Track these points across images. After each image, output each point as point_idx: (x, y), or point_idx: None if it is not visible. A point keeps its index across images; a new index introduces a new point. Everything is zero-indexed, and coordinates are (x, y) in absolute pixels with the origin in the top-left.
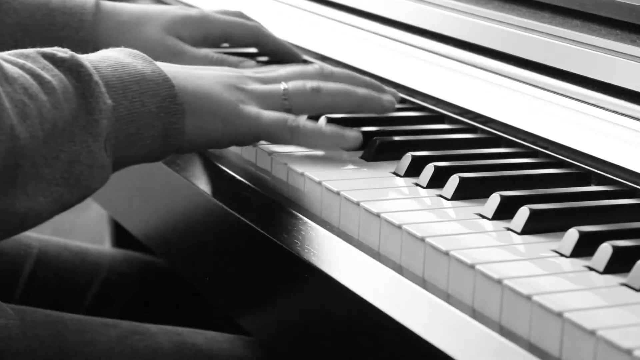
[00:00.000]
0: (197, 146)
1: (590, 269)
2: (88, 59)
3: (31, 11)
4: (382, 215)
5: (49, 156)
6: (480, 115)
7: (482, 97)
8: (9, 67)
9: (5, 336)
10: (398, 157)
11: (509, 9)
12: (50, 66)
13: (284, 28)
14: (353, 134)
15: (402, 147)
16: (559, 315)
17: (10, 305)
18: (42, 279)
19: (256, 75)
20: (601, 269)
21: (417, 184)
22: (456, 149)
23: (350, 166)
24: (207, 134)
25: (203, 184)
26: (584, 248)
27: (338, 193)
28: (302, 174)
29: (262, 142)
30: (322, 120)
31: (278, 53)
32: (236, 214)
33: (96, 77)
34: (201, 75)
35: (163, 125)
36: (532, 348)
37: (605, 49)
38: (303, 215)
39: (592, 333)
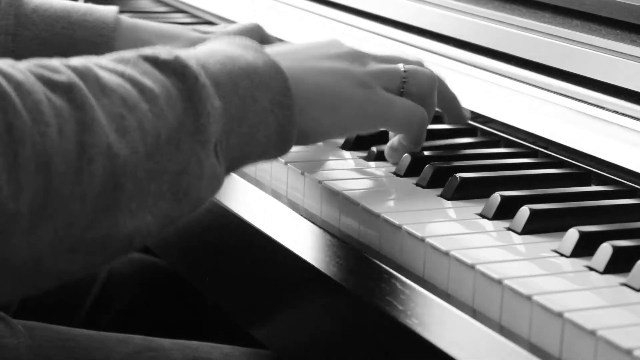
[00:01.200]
0: (323, 137)
1: (591, 269)
2: (195, 56)
3: (50, 24)
4: (382, 215)
5: (154, 170)
6: (480, 115)
7: (482, 97)
8: (107, 77)
9: (15, 356)
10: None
11: (508, 9)
12: (153, 70)
13: (284, 28)
14: (464, 114)
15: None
16: (559, 315)
17: (21, 322)
18: None
19: (371, 54)
20: (601, 269)
21: (417, 184)
22: (456, 149)
23: (351, 166)
24: (333, 125)
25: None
26: (584, 248)
27: (338, 193)
28: (302, 174)
29: None
30: None
31: None
32: (236, 214)
33: (203, 78)
34: (320, 65)
35: (277, 121)
36: (532, 348)
37: (605, 49)
38: (303, 215)
39: (592, 333)
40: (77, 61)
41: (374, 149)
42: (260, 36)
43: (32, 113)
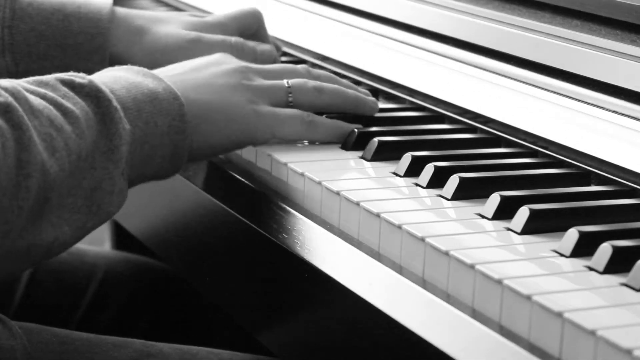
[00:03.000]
0: (218, 152)
1: (590, 269)
2: (103, 82)
3: (46, 17)
4: (382, 215)
5: (73, 186)
6: (480, 115)
7: (482, 97)
8: (33, 99)
9: (11, 358)
10: (398, 157)
11: (508, 8)
12: (71, 94)
13: (284, 28)
14: (351, 126)
15: (402, 147)
16: (559, 315)
17: (18, 323)
18: (41, 280)
19: (257, 68)
20: (601, 269)
21: (417, 184)
22: (456, 149)
23: (350, 166)
24: (227, 140)
25: (204, 185)
26: (584, 248)
27: (338, 193)
28: (302, 174)
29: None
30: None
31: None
32: (236, 214)
33: (115, 102)
34: (211, 84)
35: (172, 143)
36: (532, 348)
37: (605, 49)
38: (303, 214)
39: (592, 333)
40: (6, 82)
41: (375, 139)
42: (258, 22)
43: None
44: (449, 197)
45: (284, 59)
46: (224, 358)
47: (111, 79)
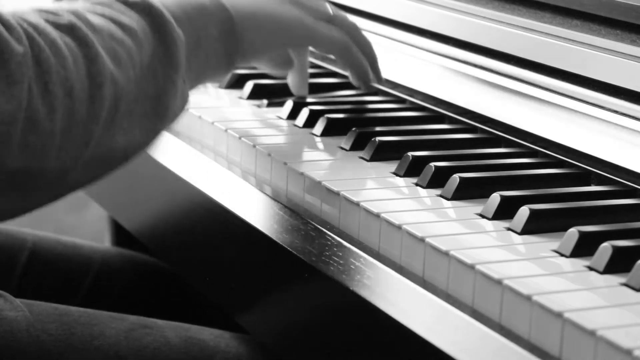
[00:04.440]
0: (261, 53)
1: (590, 269)
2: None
3: None
4: (382, 215)
5: (140, 93)
6: (480, 115)
7: (482, 97)
8: (93, 17)
9: (15, 329)
10: (398, 157)
11: (508, 8)
12: (126, 9)
13: None
14: (380, 76)
15: (402, 147)
16: (559, 315)
17: (18, 299)
18: (36, 271)
19: None
20: (601, 269)
21: (417, 184)
22: (456, 149)
23: (351, 166)
24: (269, 45)
25: (202, 184)
26: (584, 248)
27: (338, 193)
28: (302, 174)
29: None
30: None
31: None
32: (236, 214)
33: (167, 14)
34: None
35: (224, 48)
36: (532, 348)
37: (605, 49)
38: (303, 215)
39: (592, 333)
40: (67, 5)
41: (375, 139)
42: None
43: (52, 49)
44: (449, 197)
45: None
46: (215, 334)
47: None
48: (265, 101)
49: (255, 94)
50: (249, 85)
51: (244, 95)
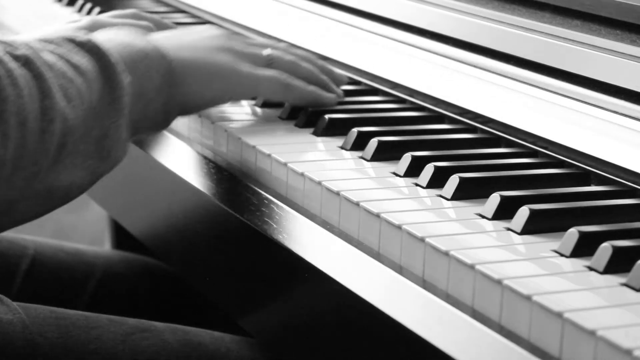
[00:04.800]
0: (200, 107)
1: (590, 269)
2: (100, 43)
3: None
4: (382, 215)
5: (85, 133)
6: (480, 115)
7: (482, 97)
8: (46, 54)
9: (10, 332)
10: (398, 157)
11: (508, 8)
12: (76, 49)
13: (283, 28)
14: (331, 95)
15: (402, 147)
16: (559, 315)
17: (15, 303)
18: (38, 279)
19: (241, 38)
20: (601, 269)
21: (417, 184)
22: (456, 149)
23: (350, 166)
24: (210, 96)
25: (202, 184)
26: (584, 248)
27: (338, 193)
28: (302, 174)
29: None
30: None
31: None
32: (235, 214)
33: (114, 57)
34: (195, 44)
35: (164, 98)
36: (532, 348)
37: (605, 49)
38: (303, 214)
39: (592, 333)
40: (21, 39)
41: (375, 139)
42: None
43: (10, 78)
44: (449, 197)
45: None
46: (215, 337)
47: (106, 38)
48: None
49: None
50: None
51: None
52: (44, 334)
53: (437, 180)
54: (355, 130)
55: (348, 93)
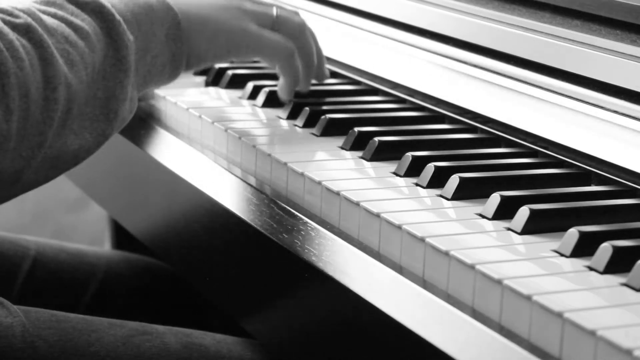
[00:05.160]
0: (204, 63)
1: (591, 269)
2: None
3: None
4: (382, 215)
5: (90, 96)
6: (480, 115)
7: (482, 97)
8: (47, 18)
9: (9, 334)
10: (398, 157)
11: (508, 8)
12: (78, 11)
13: None
14: (326, 73)
15: (402, 147)
16: (559, 315)
17: (16, 306)
18: (39, 280)
19: None
20: (601, 269)
21: (417, 184)
22: (456, 149)
23: (350, 166)
24: (213, 52)
25: (203, 184)
26: (584, 248)
27: (338, 193)
28: (302, 174)
29: (261, 143)
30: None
31: None
32: (237, 214)
33: (118, 16)
34: (202, 2)
35: (171, 52)
36: (532, 348)
37: (605, 49)
38: (303, 214)
39: (592, 333)
40: (22, 5)
41: (375, 139)
42: None
43: (10, 50)
44: (449, 197)
45: None
46: (217, 339)
47: None
48: (262, 100)
49: (255, 94)
50: (249, 86)
51: (244, 96)
52: (43, 337)
53: (437, 180)
54: (355, 130)
55: (348, 93)
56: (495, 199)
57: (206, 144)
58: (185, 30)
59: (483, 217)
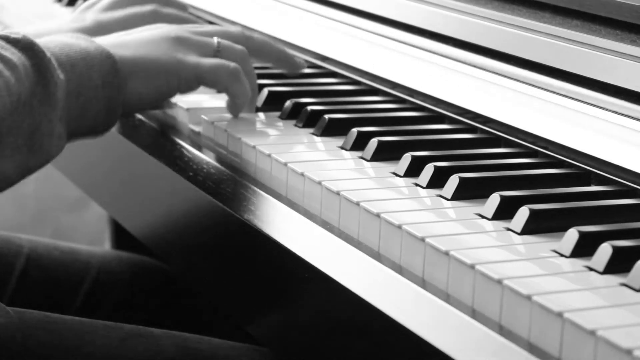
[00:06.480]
0: (147, 105)
1: (590, 269)
2: (37, 40)
3: None
4: (382, 215)
5: (14, 126)
6: (480, 115)
7: (482, 97)
8: None
9: (2, 335)
10: (398, 157)
11: (509, 9)
12: (7, 45)
13: (284, 28)
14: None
15: (402, 147)
16: (559, 315)
17: (9, 307)
18: (33, 277)
19: (189, 29)
20: (601, 269)
21: (417, 184)
22: (456, 149)
23: (350, 166)
24: (155, 91)
25: (203, 185)
26: (584, 248)
27: (338, 193)
28: (302, 174)
29: (261, 144)
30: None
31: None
32: (237, 214)
33: (49, 54)
34: (140, 40)
35: (106, 98)
36: (532, 348)
37: (605, 49)
38: (303, 214)
39: (592, 333)
40: None
41: (375, 139)
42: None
43: None
44: (449, 197)
45: None
46: (214, 344)
47: (46, 39)
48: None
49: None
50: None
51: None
52: (36, 337)
53: (437, 180)
54: (355, 130)
55: (348, 93)
56: (495, 199)
57: (207, 144)
58: (122, 76)
59: (483, 217)
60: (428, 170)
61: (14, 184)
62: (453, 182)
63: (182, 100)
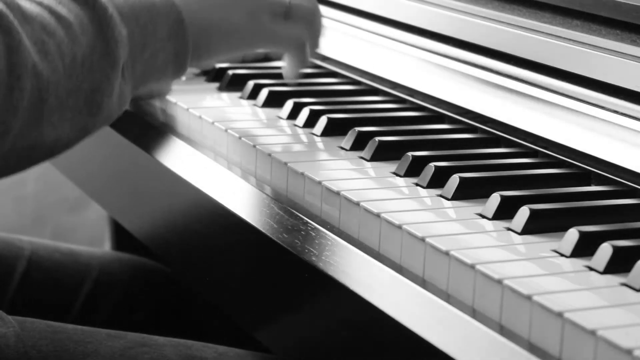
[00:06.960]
0: (216, 58)
1: (591, 269)
2: None
3: None
4: (383, 215)
5: (72, 87)
6: (480, 115)
7: (482, 97)
8: (28, 6)
9: (3, 344)
10: (398, 157)
11: (509, 9)
12: (66, 0)
13: None
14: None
15: (403, 147)
16: (559, 315)
17: (11, 316)
18: (34, 279)
19: None
20: (601, 269)
21: (417, 184)
22: (456, 149)
23: (351, 166)
24: (224, 48)
25: (204, 184)
26: (584, 248)
27: (338, 193)
28: (302, 174)
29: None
30: (323, 118)
31: None
32: (237, 214)
33: (111, 8)
34: (211, 1)
35: (174, 49)
36: (532, 348)
37: (605, 49)
38: (303, 214)
39: (592, 333)
40: None
41: (375, 139)
42: None
43: None
44: (449, 197)
45: None
46: (219, 351)
47: None
48: (262, 99)
49: (255, 94)
50: (250, 86)
51: (244, 96)
52: (38, 347)
53: (437, 180)
54: (355, 130)
55: (348, 93)
56: (495, 199)
57: (207, 144)
58: (190, 29)
59: (483, 217)
60: (428, 170)
61: (73, 146)
62: (453, 182)
63: (182, 100)
